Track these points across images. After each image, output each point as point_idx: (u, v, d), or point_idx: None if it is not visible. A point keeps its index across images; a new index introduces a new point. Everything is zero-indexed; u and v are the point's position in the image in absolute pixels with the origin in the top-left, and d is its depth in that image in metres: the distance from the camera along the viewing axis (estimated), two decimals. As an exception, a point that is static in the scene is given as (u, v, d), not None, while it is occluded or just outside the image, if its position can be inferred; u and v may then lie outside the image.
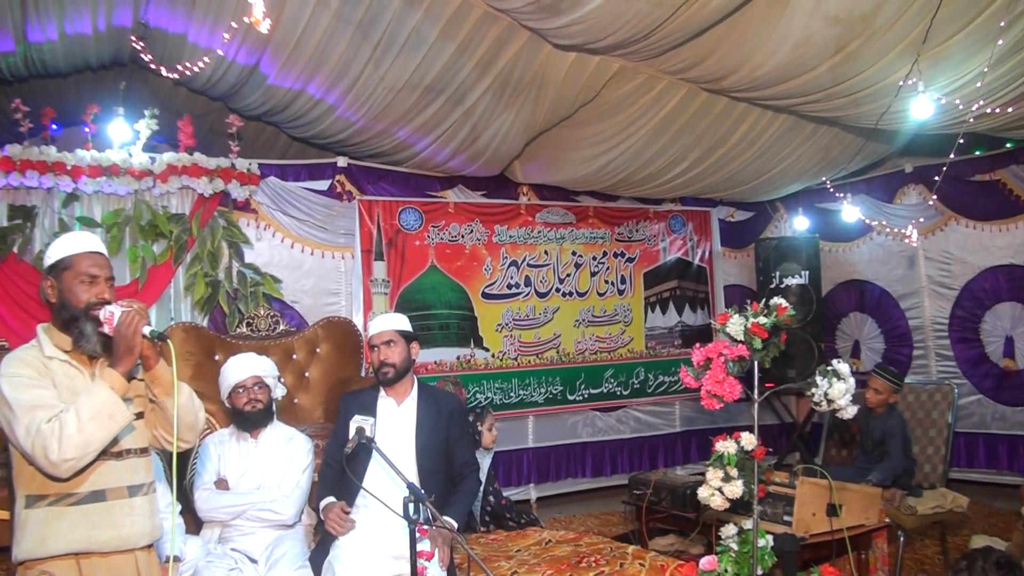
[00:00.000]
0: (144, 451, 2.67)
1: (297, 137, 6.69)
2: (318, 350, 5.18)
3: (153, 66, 5.25)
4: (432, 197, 6.93)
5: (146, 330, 2.49)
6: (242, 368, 4.12)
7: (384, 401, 3.93)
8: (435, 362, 6.71)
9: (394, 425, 3.90)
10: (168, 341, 2.58)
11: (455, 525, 3.70)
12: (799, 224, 7.82)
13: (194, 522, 4.01)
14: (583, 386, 7.40)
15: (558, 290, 7.38)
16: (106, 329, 2.51)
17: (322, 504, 3.78)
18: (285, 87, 5.54)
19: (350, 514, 3.73)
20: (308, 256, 6.21)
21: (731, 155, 7.00)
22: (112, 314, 2.49)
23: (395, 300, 6.56)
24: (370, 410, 3.85)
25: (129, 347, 2.45)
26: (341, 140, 6.24)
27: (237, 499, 3.85)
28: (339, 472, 3.77)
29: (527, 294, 7.22)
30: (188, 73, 5.21)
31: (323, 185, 6.40)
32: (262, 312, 5.26)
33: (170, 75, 5.25)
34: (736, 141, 6.73)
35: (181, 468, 4.07)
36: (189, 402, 2.68)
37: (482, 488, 4.62)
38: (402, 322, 3.99)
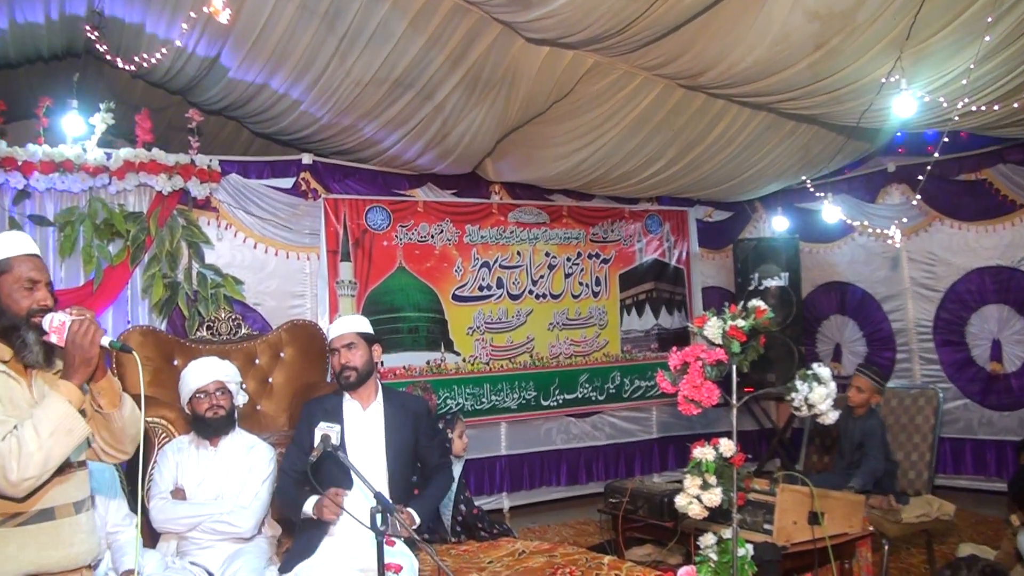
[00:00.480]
0: (83, 464, 2.62)
1: (260, 133, 6.63)
2: (282, 355, 5.15)
3: (109, 57, 5.14)
4: (400, 196, 6.91)
5: (105, 341, 2.45)
6: (204, 372, 4.09)
7: (350, 404, 3.90)
8: (404, 367, 6.69)
9: (362, 430, 3.87)
10: (133, 353, 2.55)
11: (417, 522, 3.69)
12: (778, 224, 7.80)
13: (151, 535, 3.93)
14: (557, 391, 7.40)
15: (531, 292, 7.39)
16: (53, 338, 2.45)
17: (307, 507, 3.69)
18: (247, 80, 5.50)
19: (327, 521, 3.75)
20: (271, 257, 6.18)
21: (709, 153, 7.01)
22: (63, 323, 2.43)
23: (362, 302, 6.53)
24: (336, 416, 3.81)
25: (86, 358, 2.40)
26: (306, 136, 6.21)
27: (193, 510, 3.82)
28: (301, 483, 3.73)
29: (499, 296, 7.22)
30: (145, 65, 5.13)
31: (287, 183, 6.36)
32: (223, 315, 5.23)
33: (127, 67, 5.16)
34: (714, 139, 6.75)
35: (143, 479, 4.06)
36: (133, 415, 2.64)
37: (452, 497, 4.59)
38: (362, 324, 3.98)
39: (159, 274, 5.52)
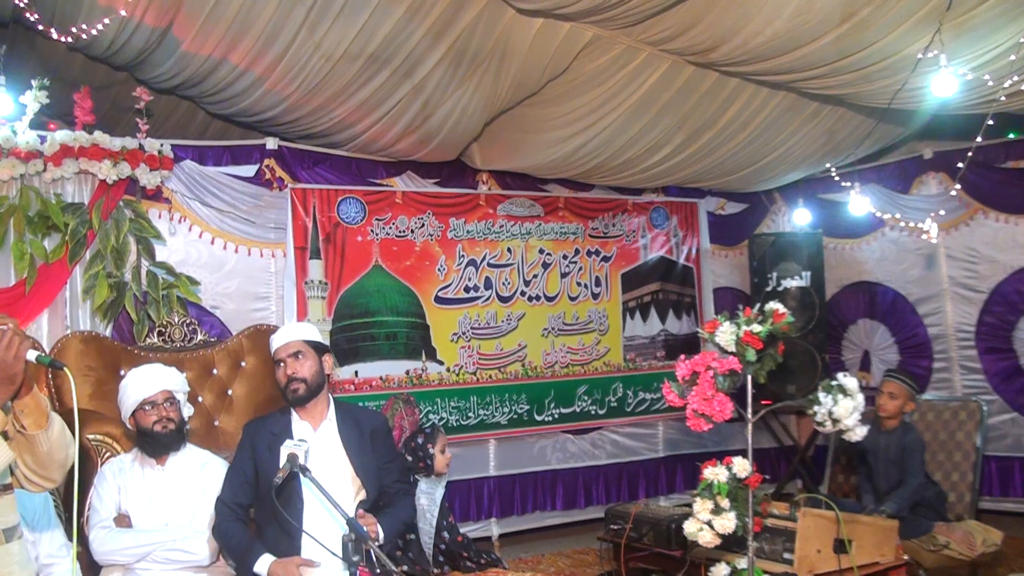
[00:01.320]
0: (8, 488, 2.58)
1: (218, 114, 6.59)
2: (243, 364, 5.11)
3: (41, 27, 5.08)
4: (377, 186, 6.87)
5: (32, 355, 2.40)
6: (149, 381, 4.02)
7: (299, 426, 3.88)
8: (381, 378, 6.62)
9: (319, 453, 3.78)
10: (66, 370, 2.50)
11: (381, 537, 3.68)
12: (800, 218, 7.73)
13: (91, 566, 3.84)
14: (553, 405, 7.39)
15: (523, 293, 7.33)
16: None
17: (260, 568, 3.59)
18: (203, 55, 5.42)
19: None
20: (231, 254, 6.15)
21: (722, 138, 6.96)
22: None
23: (334, 305, 6.47)
24: (283, 440, 3.69)
25: (9, 375, 2.33)
26: (270, 118, 6.15)
27: (140, 538, 3.73)
28: (244, 518, 3.70)
29: (487, 298, 7.19)
30: (85, 37, 5.05)
31: (249, 171, 6.29)
32: (176, 319, 5.17)
33: (63, 39, 5.09)
34: (727, 122, 6.71)
35: (80, 504, 3.93)
36: (62, 437, 2.58)
37: (434, 524, 4.54)
38: (310, 332, 4.02)
39: (103, 273, 5.44)
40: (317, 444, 3.78)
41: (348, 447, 3.83)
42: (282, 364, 3.83)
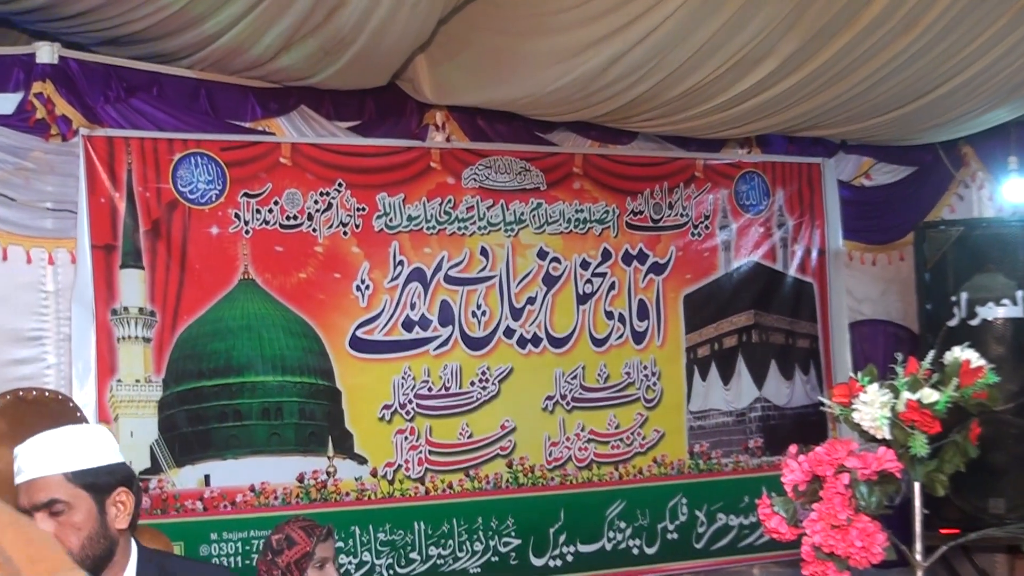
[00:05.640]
0: None
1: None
2: (-9, 459, 4.29)
3: None
4: (246, 133, 6.42)
5: None
6: None
7: None
8: (252, 488, 6.17)
9: None
10: None
11: None
12: (1012, 193, 7.50)
13: None
14: (564, 538, 7.00)
15: (510, 332, 6.91)
16: None
17: None
18: None
19: None
20: (-36, 258, 5.21)
21: (866, 47, 6.25)
22: None
23: (166, 353, 6.07)
24: None
25: None
26: (43, 7, 5.57)
27: None
28: None
29: (444, 341, 6.75)
30: None
31: (5, 103, 5.98)
32: None
33: None
34: (875, 19, 6.11)
35: None
36: None
37: None
38: (79, 452, 3.48)
39: None
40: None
41: None
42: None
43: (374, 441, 6.64)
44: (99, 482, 3.46)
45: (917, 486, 3.20)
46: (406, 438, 6.73)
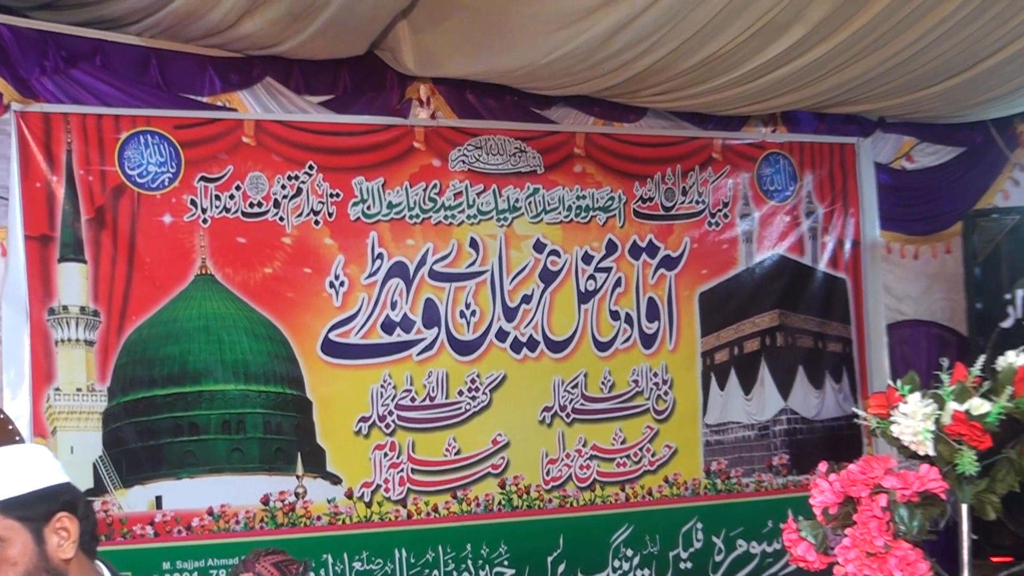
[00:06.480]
0: None
1: None
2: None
3: None
4: (203, 109, 6.34)
5: None
6: None
7: None
8: (210, 512, 6.11)
9: None
10: None
11: None
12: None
13: None
14: (562, 567, 6.92)
15: (503, 335, 6.83)
16: None
17: None
18: None
19: None
20: None
21: (908, 11, 5.91)
22: None
23: (111, 359, 6.01)
24: None
25: None
26: None
27: None
28: None
29: (428, 344, 6.68)
30: None
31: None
32: None
33: None
34: None
35: None
36: None
37: None
38: (8, 479, 3.42)
39: None
40: None
41: None
42: None
43: (349, 458, 6.54)
44: (34, 511, 3.44)
45: (965, 508, 3.29)
46: (385, 455, 6.68)
